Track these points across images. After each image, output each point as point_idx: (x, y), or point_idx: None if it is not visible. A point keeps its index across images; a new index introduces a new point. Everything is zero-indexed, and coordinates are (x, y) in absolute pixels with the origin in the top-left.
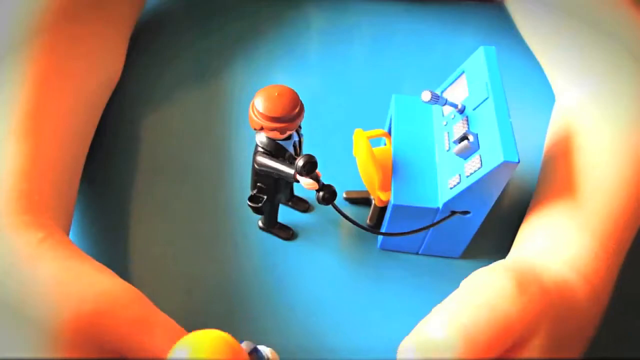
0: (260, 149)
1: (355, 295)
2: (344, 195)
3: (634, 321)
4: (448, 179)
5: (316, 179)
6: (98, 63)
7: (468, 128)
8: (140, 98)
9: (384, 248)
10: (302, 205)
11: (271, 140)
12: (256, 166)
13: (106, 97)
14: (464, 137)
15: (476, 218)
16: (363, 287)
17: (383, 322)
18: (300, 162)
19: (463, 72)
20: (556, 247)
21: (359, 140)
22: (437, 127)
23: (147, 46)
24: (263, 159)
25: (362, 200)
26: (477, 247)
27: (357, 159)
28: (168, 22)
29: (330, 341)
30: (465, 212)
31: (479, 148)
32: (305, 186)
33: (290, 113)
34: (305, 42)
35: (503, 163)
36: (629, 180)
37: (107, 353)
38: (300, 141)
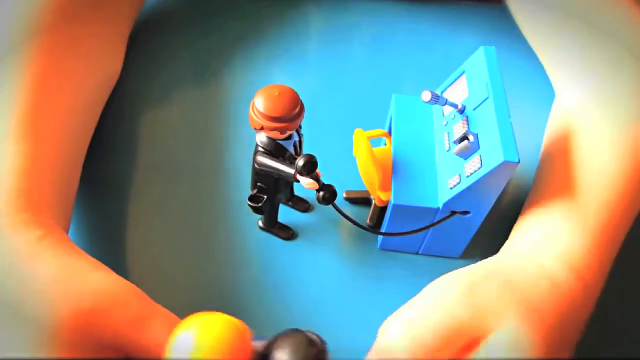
0: (260, 149)
1: (355, 295)
2: (344, 195)
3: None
4: (448, 179)
5: (316, 179)
6: (97, 63)
7: (468, 128)
8: (139, 97)
9: (384, 248)
10: (302, 205)
11: (271, 139)
12: (256, 166)
13: (105, 97)
14: (464, 137)
15: (476, 218)
16: (363, 287)
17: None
18: (300, 162)
19: (463, 72)
20: (547, 241)
21: (359, 140)
22: (437, 127)
23: (146, 45)
24: (263, 159)
25: (362, 200)
26: (477, 247)
27: (357, 159)
28: (167, 22)
29: (330, 341)
30: (465, 212)
31: (479, 148)
32: (305, 186)
33: (290, 113)
34: (305, 42)
35: (503, 163)
36: (624, 176)
37: (108, 350)
38: (300, 141)
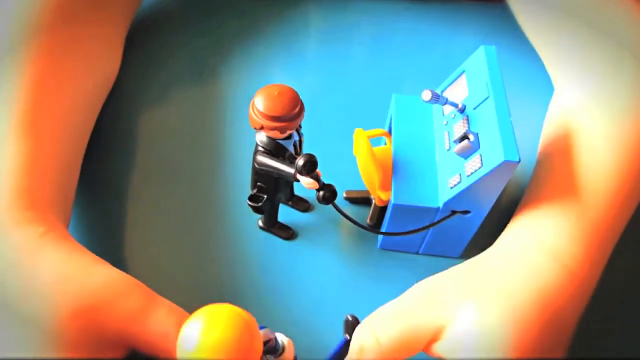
0: (260, 148)
1: (355, 294)
2: (344, 194)
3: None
4: (448, 179)
5: (316, 179)
6: (95, 63)
7: (468, 127)
8: (137, 97)
9: (384, 248)
10: (302, 204)
11: (271, 139)
12: (256, 165)
13: (103, 96)
14: (465, 137)
15: (476, 217)
16: (363, 287)
17: None
18: (300, 162)
19: (463, 72)
20: (532, 235)
21: (359, 139)
22: (438, 127)
23: (144, 45)
24: (263, 158)
25: (363, 199)
26: (477, 247)
27: (358, 159)
28: (165, 21)
29: (330, 340)
30: (465, 212)
31: (480, 147)
32: (305, 185)
33: (290, 112)
34: (304, 41)
35: (504, 162)
36: (621, 173)
37: (112, 343)
38: (300, 140)
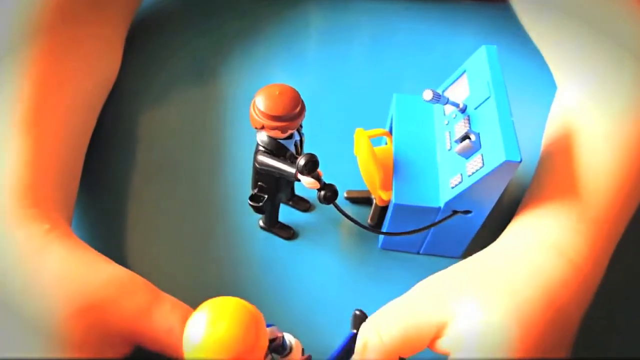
0: (261, 148)
1: (356, 295)
2: (345, 194)
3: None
4: (449, 178)
5: (318, 178)
6: (95, 63)
7: (470, 127)
8: (138, 97)
9: (385, 248)
10: (303, 204)
11: (272, 139)
12: (257, 165)
13: (104, 96)
14: (466, 137)
15: (477, 217)
16: (364, 287)
17: None
18: (301, 161)
19: (464, 71)
20: (535, 232)
21: (360, 139)
22: (439, 127)
23: (145, 45)
24: (264, 158)
25: (363, 199)
26: (478, 247)
27: (358, 158)
28: (165, 21)
29: (330, 340)
30: (466, 212)
31: (481, 147)
32: (306, 185)
33: (291, 112)
34: (304, 41)
35: (505, 162)
36: (622, 171)
37: (117, 340)
38: (301, 140)
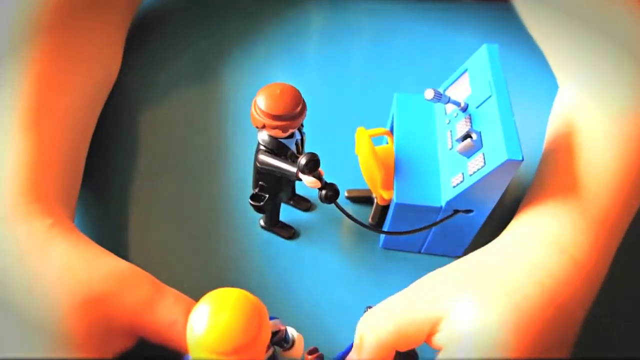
0: (262, 147)
1: (357, 294)
2: (346, 194)
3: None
4: (451, 178)
5: (319, 177)
6: (96, 62)
7: (471, 126)
8: (138, 97)
9: (386, 247)
10: (304, 204)
11: (273, 138)
12: (258, 164)
13: (105, 95)
14: (467, 136)
15: (479, 216)
16: (365, 286)
17: None
18: (303, 160)
19: (466, 70)
20: (536, 229)
21: (361, 138)
22: (440, 126)
23: (146, 45)
24: (265, 157)
25: (364, 198)
26: (479, 246)
27: (359, 158)
28: (166, 21)
29: (331, 340)
30: (468, 211)
31: (482, 146)
32: (307, 184)
33: (292, 111)
34: (305, 41)
35: (507, 161)
36: (623, 167)
37: (120, 333)
38: (302, 139)
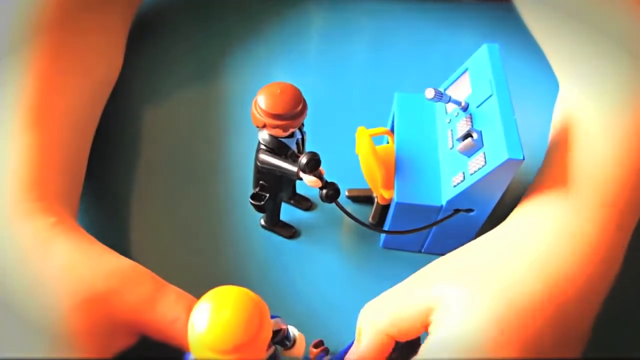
0: (262, 147)
1: (357, 293)
2: (347, 193)
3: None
4: (452, 177)
5: (319, 177)
6: (97, 60)
7: (472, 125)
8: (139, 97)
9: (387, 247)
10: (305, 203)
11: (274, 137)
12: (259, 164)
13: (106, 94)
14: (468, 135)
15: (480, 216)
16: (365, 286)
17: None
18: (303, 160)
19: (466, 70)
20: (540, 217)
21: (362, 138)
22: (441, 125)
23: (147, 45)
24: (266, 157)
25: (365, 198)
26: None
27: (360, 157)
28: (167, 21)
29: (331, 339)
30: (468, 210)
31: (483, 145)
32: (308, 184)
33: (292, 110)
34: (306, 41)
35: (507, 160)
36: (624, 163)
37: (122, 330)
38: (303, 139)
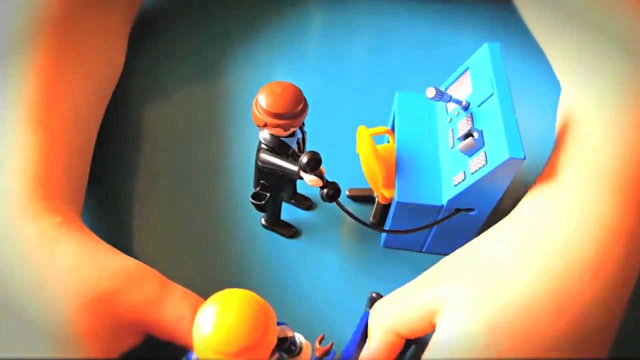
0: (263, 146)
1: (358, 293)
2: (347, 192)
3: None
4: (452, 176)
5: (320, 176)
6: (99, 59)
7: (472, 125)
8: (141, 95)
9: (387, 246)
10: (305, 202)
11: (275, 137)
12: (259, 163)
13: (109, 92)
14: (469, 134)
15: (480, 215)
16: (366, 285)
17: None
18: (304, 159)
19: (467, 69)
20: (551, 206)
21: (362, 137)
22: (441, 124)
23: (147, 45)
24: (266, 156)
25: (366, 197)
26: None
27: (361, 156)
28: (168, 21)
29: (332, 339)
30: (469, 210)
31: (484, 145)
32: (309, 183)
33: (293, 110)
34: (306, 41)
35: (508, 160)
36: (623, 161)
37: (127, 329)
38: (303, 138)
